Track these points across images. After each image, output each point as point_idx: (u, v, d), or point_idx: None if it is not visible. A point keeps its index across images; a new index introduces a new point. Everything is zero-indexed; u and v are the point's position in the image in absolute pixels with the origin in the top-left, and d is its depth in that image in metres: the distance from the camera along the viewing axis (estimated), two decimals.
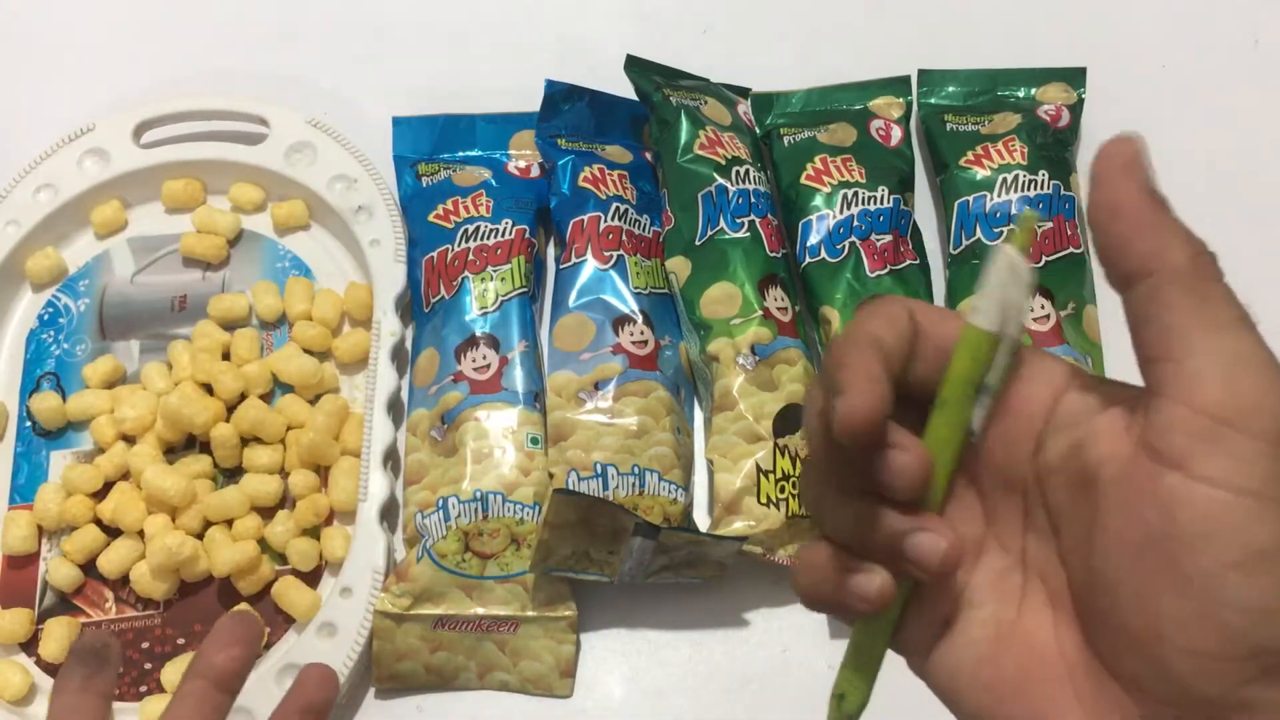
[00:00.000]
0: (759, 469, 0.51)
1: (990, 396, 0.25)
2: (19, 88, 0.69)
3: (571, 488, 0.51)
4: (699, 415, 0.57)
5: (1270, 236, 0.62)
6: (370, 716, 0.52)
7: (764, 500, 0.51)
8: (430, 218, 0.59)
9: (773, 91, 0.65)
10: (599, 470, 0.52)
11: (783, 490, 0.52)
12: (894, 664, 0.27)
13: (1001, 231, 0.58)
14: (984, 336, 0.25)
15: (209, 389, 0.57)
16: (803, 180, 0.59)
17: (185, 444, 0.56)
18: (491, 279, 0.57)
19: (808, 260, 0.57)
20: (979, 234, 0.58)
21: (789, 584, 0.53)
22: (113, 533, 0.54)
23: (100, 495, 0.55)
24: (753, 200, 0.58)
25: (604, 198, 0.59)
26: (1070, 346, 0.55)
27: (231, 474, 0.56)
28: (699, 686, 0.52)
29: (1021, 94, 0.64)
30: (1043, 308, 0.56)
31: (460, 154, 0.63)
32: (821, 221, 0.58)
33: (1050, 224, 0.58)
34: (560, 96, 0.61)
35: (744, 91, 0.65)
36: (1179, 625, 0.22)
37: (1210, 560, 0.21)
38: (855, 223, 0.58)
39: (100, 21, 0.71)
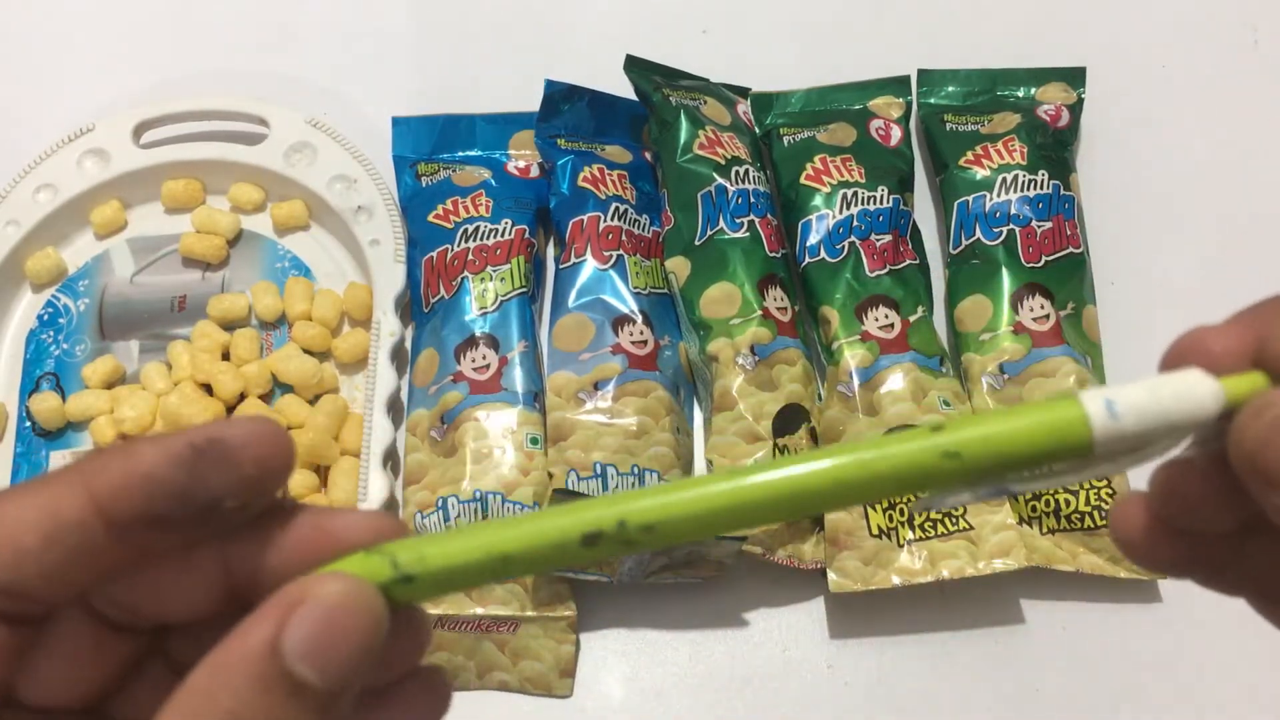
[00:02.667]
0: None
1: None
2: (19, 88, 0.69)
3: (571, 488, 0.51)
4: (699, 415, 0.57)
5: (1271, 237, 0.62)
6: None
7: None
8: (430, 218, 0.59)
9: (772, 91, 0.65)
10: (598, 470, 0.52)
11: None
12: (899, 659, 0.27)
13: (1001, 232, 0.58)
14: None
15: (209, 389, 0.57)
16: (802, 180, 0.59)
17: None
18: (491, 279, 0.57)
19: (807, 260, 0.57)
20: (979, 234, 0.58)
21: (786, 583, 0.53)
22: None
23: None
24: (752, 200, 0.58)
25: (603, 198, 0.59)
26: (1070, 347, 0.54)
27: None
28: (699, 686, 0.52)
29: (1021, 94, 0.64)
30: (1042, 308, 0.56)
31: (460, 154, 0.63)
32: (821, 221, 0.58)
33: (1051, 224, 0.58)
34: (560, 96, 0.61)
35: (744, 91, 0.65)
36: None
37: None
38: (855, 223, 0.58)
39: (100, 21, 0.71)
